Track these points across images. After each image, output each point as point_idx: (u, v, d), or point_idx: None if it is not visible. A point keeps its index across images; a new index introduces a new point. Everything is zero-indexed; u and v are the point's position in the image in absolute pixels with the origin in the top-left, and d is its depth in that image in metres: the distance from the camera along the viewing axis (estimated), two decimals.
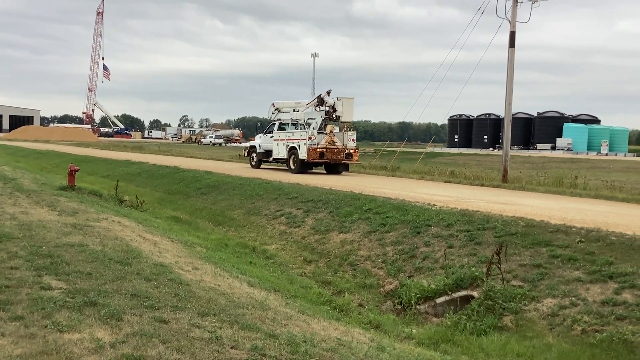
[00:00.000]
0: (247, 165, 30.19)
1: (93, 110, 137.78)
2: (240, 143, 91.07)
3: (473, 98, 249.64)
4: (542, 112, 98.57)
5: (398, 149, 45.68)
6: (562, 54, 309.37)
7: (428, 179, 24.44)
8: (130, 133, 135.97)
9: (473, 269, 9.65)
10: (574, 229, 10.59)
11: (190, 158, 39.06)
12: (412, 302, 9.52)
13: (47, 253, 7.34)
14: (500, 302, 8.49)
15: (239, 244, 13.45)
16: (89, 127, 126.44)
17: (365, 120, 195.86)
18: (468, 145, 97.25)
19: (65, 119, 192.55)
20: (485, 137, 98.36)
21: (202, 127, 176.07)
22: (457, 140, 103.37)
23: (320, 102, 25.59)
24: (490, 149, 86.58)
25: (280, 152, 26.93)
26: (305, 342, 5.38)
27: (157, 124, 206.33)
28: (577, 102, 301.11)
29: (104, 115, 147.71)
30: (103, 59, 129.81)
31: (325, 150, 25.00)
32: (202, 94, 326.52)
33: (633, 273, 8.48)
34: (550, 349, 7.36)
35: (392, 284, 10.62)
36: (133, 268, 7.13)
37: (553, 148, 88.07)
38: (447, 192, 18.10)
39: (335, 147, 25.24)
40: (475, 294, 9.00)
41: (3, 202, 11.94)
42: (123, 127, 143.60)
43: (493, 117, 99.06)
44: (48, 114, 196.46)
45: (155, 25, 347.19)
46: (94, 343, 4.47)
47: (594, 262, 9.07)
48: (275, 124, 28.33)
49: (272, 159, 28.04)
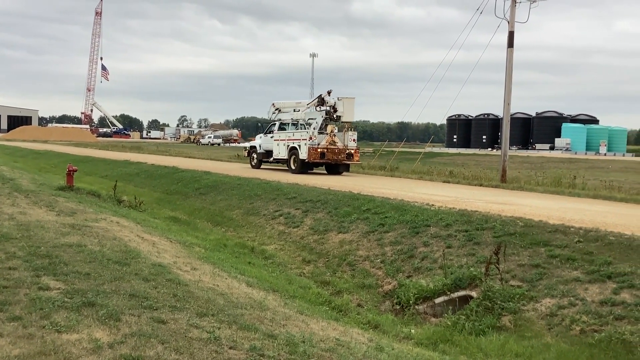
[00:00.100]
0: (245, 166, 30.16)
1: (91, 111, 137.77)
2: (239, 143, 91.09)
3: (472, 98, 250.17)
4: (540, 112, 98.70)
5: (397, 149, 45.72)
6: (560, 54, 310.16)
7: (427, 179, 24.45)
8: (129, 133, 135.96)
9: (472, 269, 9.65)
10: (573, 229, 10.59)
11: (189, 158, 39.04)
12: (410, 302, 9.52)
13: (45, 253, 7.33)
14: (499, 302, 8.49)
15: (238, 244, 13.44)
16: (88, 127, 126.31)
17: (364, 120, 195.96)
18: (467, 145, 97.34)
19: (64, 119, 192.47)
20: (484, 137, 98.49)
21: (200, 127, 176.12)
22: (455, 140, 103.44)
23: (321, 102, 25.46)
24: (489, 149, 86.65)
25: (281, 152, 26.81)
26: (304, 342, 5.38)
27: (155, 124, 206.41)
28: (575, 102, 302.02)
29: (103, 116, 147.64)
30: (102, 59, 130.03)
31: (326, 151, 24.88)
32: (200, 94, 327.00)
33: (631, 273, 8.48)
34: (549, 349, 7.36)
35: (390, 284, 10.62)
36: (131, 268, 7.13)
37: (552, 148, 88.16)
38: (445, 192, 18.10)
39: (336, 147, 25.13)
40: (474, 294, 9.00)
41: (1, 202, 11.93)
42: (121, 127, 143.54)
43: (492, 117, 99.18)
44: (46, 114, 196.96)
45: (154, 26, 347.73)
46: (92, 343, 4.47)
47: (593, 262, 9.08)
48: (276, 124, 28.22)
49: (272, 160, 27.91)
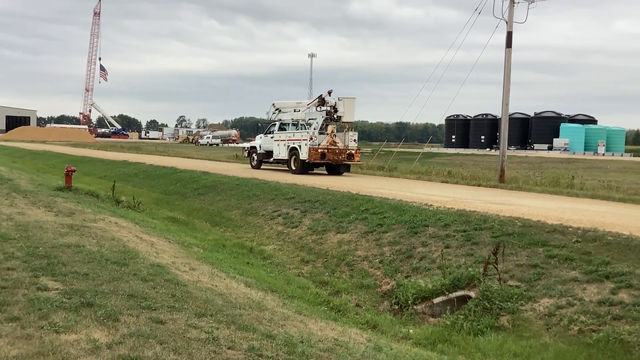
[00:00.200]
0: (244, 166, 30.15)
1: (90, 111, 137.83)
2: (238, 143, 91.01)
3: (470, 98, 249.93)
4: (539, 112, 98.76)
5: (395, 149, 45.79)
6: (559, 54, 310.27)
7: (425, 179, 24.46)
8: (127, 133, 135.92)
9: (470, 269, 9.65)
10: (571, 229, 10.60)
11: (188, 158, 39.02)
12: (409, 302, 9.52)
13: (43, 254, 7.33)
14: (497, 302, 8.50)
15: (236, 245, 13.44)
16: (86, 127, 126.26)
17: (363, 121, 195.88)
18: (465, 146, 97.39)
19: (62, 120, 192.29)
20: (483, 137, 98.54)
21: (199, 127, 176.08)
22: (454, 141, 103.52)
23: (322, 102, 25.33)
24: (488, 149, 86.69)
25: (281, 152, 26.68)
26: (303, 342, 5.38)
27: (154, 125, 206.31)
28: (574, 102, 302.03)
29: (101, 116, 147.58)
30: (100, 60, 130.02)
31: (327, 151, 24.76)
32: (199, 95, 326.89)
33: (629, 273, 8.50)
34: (547, 349, 7.37)
35: (389, 284, 10.62)
36: (130, 269, 7.13)
37: (550, 148, 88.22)
38: (444, 192, 18.11)
39: (337, 147, 25.01)
40: (472, 294, 9.00)
41: (0, 202, 11.92)
42: (120, 127, 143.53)
43: (490, 117, 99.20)
44: (45, 115, 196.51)
45: (152, 26, 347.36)
46: (91, 344, 4.47)
47: (591, 262, 9.09)
48: (276, 125, 28.10)
49: (272, 160, 27.77)
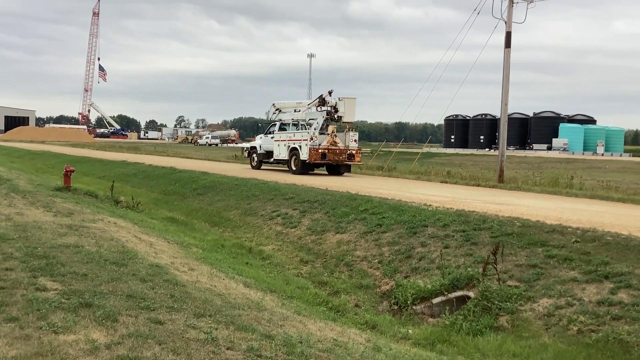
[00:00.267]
0: (243, 166, 30.14)
1: (89, 111, 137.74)
2: (237, 144, 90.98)
3: (469, 98, 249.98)
4: (538, 112, 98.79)
5: (394, 149, 45.82)
6: (557, 54, 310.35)
7: (424, 179, 24.46)
8: (126, 134, 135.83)
9: (469, 269, 9.66)
10: (570, 229, 10.61)
11: (186, 159, 39.01)
12: (408, 302, 9.52)
13: (42, 254, 7.32)
14: (497, 302, 8.50)
15: (235, 245, 13.43)
16: (85, 127, 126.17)
17: (362, 121, 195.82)
18: (464, 146, 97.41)
19: (61, 120, 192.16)
20: (482, 137, 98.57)
21: (198, 127, 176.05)
22: (453, 141, 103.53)
23: (322, 102, 25.23)
24: (487, 149, 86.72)
25: (281, 153, 26.58)
26: (302, 342, 5.38)
27: (153, 125, 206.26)
28: (572, 102, 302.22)
29: (100, 116, 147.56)
30: (99, 60, 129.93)
31: (327, 151, 24.65)
32: (198, 95, 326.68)
33: (629, 273, 8.50)
34: (546, 349, 7.37)
35: (388, 285, 10.62)
36: (129, 269, 7.12)
37: (549, 148, 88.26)
38: (443, 192, 18.11)
39: (337, 147, 24.91)
40: (472, 294, 9.00)
41: None
42: (119, 127, 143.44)
43: (489, 117, 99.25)
44: (44, 115, 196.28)
45: (151, 26, 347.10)
46: (89, 344, 4.46)
47: (590, 262, 9.09)
48: (276, 125, 28.01)
49: (273, 160, 27.68)
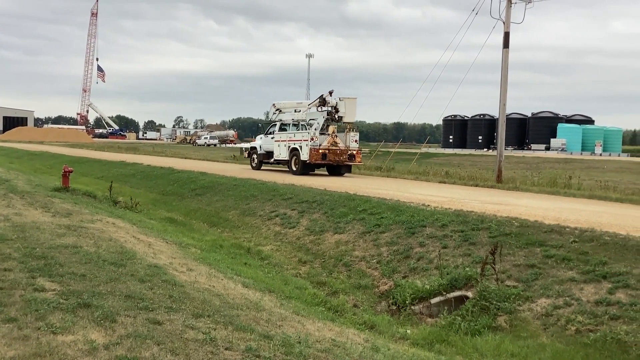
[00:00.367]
0: (242, 166, 30.12)
1: (87, 111, 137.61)
2: (235, 144, 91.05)
3: (467, 98, 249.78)
4: (536, 112, 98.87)
5: (393, 150, 45.84)
6: (556, 55, 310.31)
7: (423, 180, 24.47)
8: (125, 134, 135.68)
9: (467, 269, 9.66)
10: (568, 229, 10.62)
11: (185, 159, 38.99)
12: (406, 302, 9.53)
13: (40, 254, 7.32)
14: (495, 302, 8.51)
15: (234, 245, 13.43)
16: (83, 128, 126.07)
17: (360, 121, 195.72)
18: (463, 146, 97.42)
19: (60, 120, 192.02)
20: (480, 137, 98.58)
21: (196, 128, 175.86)
22: (451, 141, 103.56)
23: (322, 102, 25.09)
24: (485, 150, 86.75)
25: (282, 153, 26.44)
26: (300, 343, 5.38)
27: (151, 125, 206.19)
28: (571, 102, 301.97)
29: (99, 116, 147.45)
30: (97, 60, 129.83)
31: (328, 152, 24.50)
32: (196, 95, 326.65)
33: (627, 273, 8.51)
34: (544, 349, 7.38)
35: (386, 285, 10.63)
36: (127, 269, 7.12)
37: (547, 148, 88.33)
38: (441, 192, 18.12)
39: (338, 148, 24.77)
40: (470, 294, 9.01)
41: None
42: (117, 128, 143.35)
43: (487, 117, 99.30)
44: (42, 115, 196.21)
45: (150, 26, 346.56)
46: (88, 345, 4.46)
47: (588, 262, 9.11)
48: (276, 125, 27.88)
49: (273, 161, 27.54)
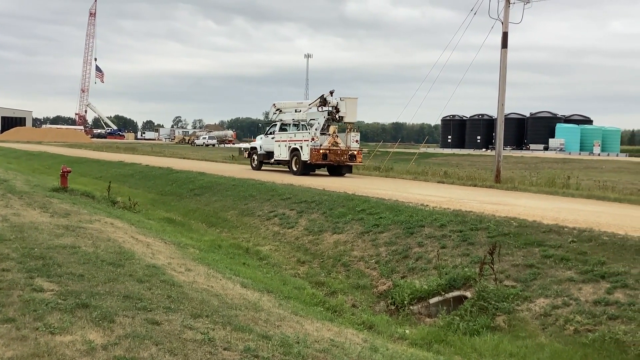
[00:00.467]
0: (240, 166, 30.11)
1: (86, 112, 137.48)
2: (234, 144, 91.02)
3: (466, 99, 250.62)
4: (534, 112, 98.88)
5: (391, 150, 45.88)
6: (554, 55, 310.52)
7: (421, 180, 24.47)
8: (123, 134, 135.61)
9: (466, 269, 9.67)
10: (567, 229, 10.63)
11: (184, 159, 38.97)
12: (405, 302, 9.53)
13: (39, 255, 7.31)
14: (493, 302, 8.51)
15: (232, 245, 13.42)
16: (82, 128, 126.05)
17: (359, 121, 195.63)
18: (461, 146, 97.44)
19: (58, 120, 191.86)
20: (478, 137, 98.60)
21: (195, 128, 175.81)
22: (450, 141, 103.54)
23: (323, 102, 24.99)
24: (483, 150, 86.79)
25: (282, 153, 26.35)
26: (298, 343, 5.38)
27: (150, 125, 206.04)
28: (569, 102, 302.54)
29: (97, 117, 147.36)
30: (96, 60, 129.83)
31: (328, 152, 24.39)
32: (195, 95, 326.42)
33: (625, 273, 8.52)
34: (543, 349, 7.38)
35: (385, 285, 10.63)
36: (125, 270, 7.11)
37: (546, 148, 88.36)
38: (440, 192, 18.13)
39: (339, 148, 24.67)
40: (468, 294, 9.02)
41: None
42: (116, 128, 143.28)
43: (486, 117, 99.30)
44: (40, 115, 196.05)
45: (148, 26, 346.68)
46: (86, 345, 4.46)
47: (586, 262, 9.11)
48: (277, 125, 27.80)
49: (273, 161, 27.45)
